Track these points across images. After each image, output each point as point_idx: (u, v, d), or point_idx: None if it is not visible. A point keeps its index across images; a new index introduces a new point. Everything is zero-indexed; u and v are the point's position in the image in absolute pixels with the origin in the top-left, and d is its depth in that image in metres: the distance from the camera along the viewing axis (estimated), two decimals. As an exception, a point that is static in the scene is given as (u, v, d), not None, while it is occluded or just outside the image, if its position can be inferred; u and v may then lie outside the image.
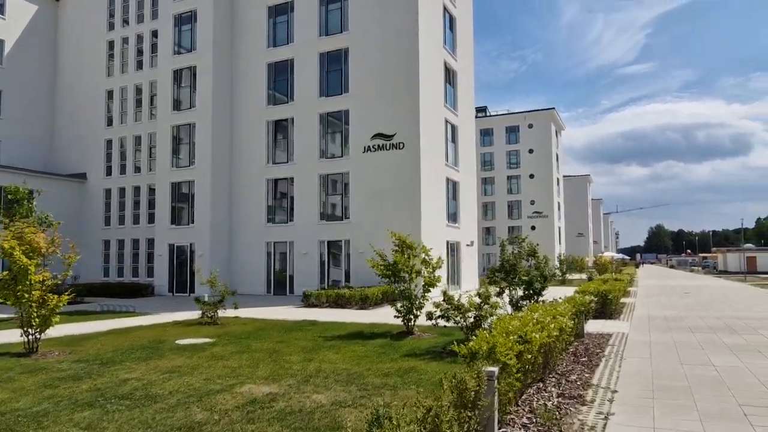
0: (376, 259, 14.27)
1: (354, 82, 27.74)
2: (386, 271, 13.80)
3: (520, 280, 12.64)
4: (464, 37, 33.86)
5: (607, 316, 17.39)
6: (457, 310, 10.66)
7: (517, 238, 13.39)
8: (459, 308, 10.65)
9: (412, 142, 26.05)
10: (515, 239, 13.39)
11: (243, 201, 30.31)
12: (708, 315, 17.97)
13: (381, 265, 14.08)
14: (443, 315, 11.02)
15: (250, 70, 30.58)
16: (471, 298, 11.01)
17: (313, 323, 16.80)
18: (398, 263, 13.79)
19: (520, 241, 13.25)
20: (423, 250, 14.23)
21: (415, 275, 13.85)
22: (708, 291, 30.87)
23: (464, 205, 32.06)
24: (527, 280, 12.57)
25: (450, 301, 10.96)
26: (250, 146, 30.30)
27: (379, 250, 14.24)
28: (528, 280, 12.54)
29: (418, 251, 14.28)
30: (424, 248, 14.28)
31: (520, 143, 70.27)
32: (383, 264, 14.08)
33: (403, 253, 14.22)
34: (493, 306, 11.33)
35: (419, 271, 14.05)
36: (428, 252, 14.24)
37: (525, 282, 12.60)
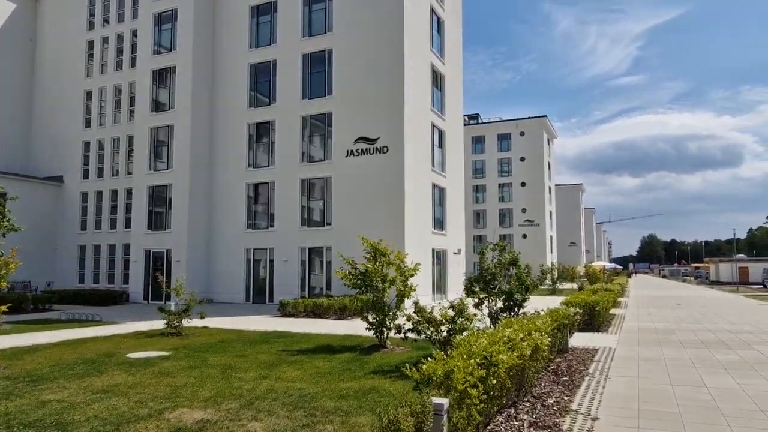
0: (346, 268, 13.35)
1: (338, 84, 26.91)
2: (356, 281, 12.87)
3: (500, 291, 11.73)
4: (453, 41, 33.16)
5: (594, 329, 16.54)
6: (429, 323, 9.74)
7: (497, 245, 12.49)
8: (430, 321, 9.73)
9: (397, 146, 25.21)
10: (496, 246, 12.49)
11: (222, 206, 29.33)
12: (700, 328, 17.14)
13: (351, 274, 13.16)
14: (413, 328, 10.10)
15: (232, 71, 29.69)
16: (444, 310, 10.10)
17: (284, 335, 15.84)
18: (370, 272, 12.86)
19: (500, 249, 12.36)
20: (398, 257, 13.33)
21: (388, 284, 12.92)
22: (700, 302, 30.10)
23: (451, 212, 31.21)
24: (507, 291, 11.66)
25: (421, 313, 10.04)
26: (230, 149, 29.36)
27: (348, 258, 13.32)
28: (508, 291, 11.63)
29: (393, 258, 13.38)
30: (399, 255, 13.37)
31: (511, 151, 69.65)
32: (353, 273, 13.16)
33: (376, 261, 13.31)
34: (469, 318, 10.42)
35: (393, 280, 13.13)
36: (403, 259, 13.34)
37: (505, 293, 11.69)
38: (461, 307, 9.75)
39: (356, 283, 12.88)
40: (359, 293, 13.09)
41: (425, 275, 26.78)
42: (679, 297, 35.05)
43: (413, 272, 13.18)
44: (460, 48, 34.86)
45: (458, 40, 34.63)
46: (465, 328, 9.85)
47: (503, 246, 12.45)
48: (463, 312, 9.67)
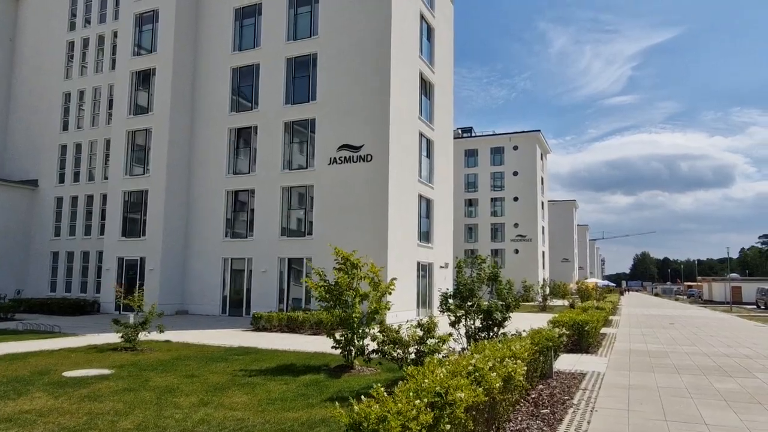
0: (315, 279, 12.25)
1: (322, 90, 25.97)
2: (324, 294, 11.76)
3: (478, 309, 10.65)
4: (443, 50, 32.38)
5: (583, 350, 15.46)
6: (395, 344, 8.64)
7: (477, 259, 11.43)
8: (396, 342, 8.63)
9: (381, 155, 24.21)
10: (474, 260, 11.44)
11: (200, 213, 28.16)
12: (695, 351, 16.07)
13: (321, 286, 12.06)
14: (378, 349, 8.99)
15: (214, 74, 28.72)
16: (413, 330, 9.00)
17: (249, 351, 14.66)
18: (341, 285, 11.76)
19: (479, 263, 11.30)
20: (372, 269, 12.24)
21: (359, 300, 11.80)
22: (694, 322, 29.08)
23: (439, 225, 30.17)
24: (485, 309, 10.58)
25: (386, 332, 8.94)
26: (210, 155, 28.28)
27: (318, 269, 12.22)
28: (486, 309, 10.55)
29: (366, 271, 12.29)
30: (373, 268, 12.28)
31: (504, 165, 68.89)
32: (323, 285, 12.06)
33: (347, 273, 12.21)
34: (442, 339, 9.33)
35: (366, 295, 12.02)
36: (377, 272, 12.25)
37: (483, 311, 10.61)
38: (430, 326, 8.65)
39: (324, 297, 11.76)
40: (327, 307, 11.96)
41: (409, 289, 25.67)
42: (672, 316, 34.04)
43: (389, 288, 12.09)
44: (451, 57, 34.09)
45: (449, 50, 33.87)
46: (436, 350, 8.74)
47: (483, 259, 11.39)
48: (432, 331, 8.57)
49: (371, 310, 11.51)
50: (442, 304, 10.91)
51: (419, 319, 9.85)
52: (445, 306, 10.80)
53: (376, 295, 11.97)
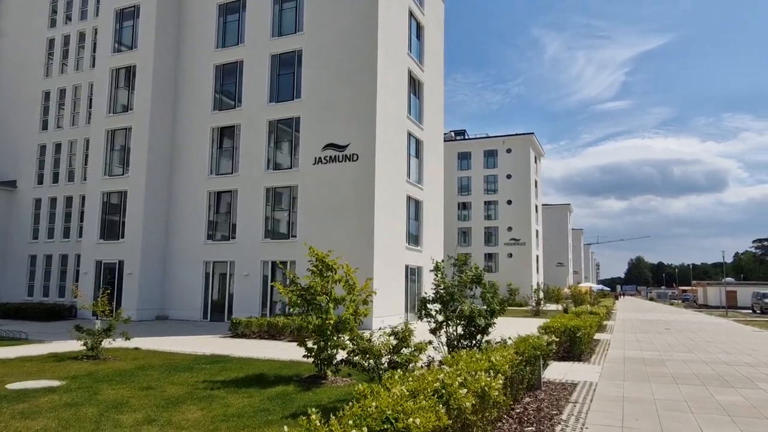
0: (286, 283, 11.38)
1: (307, 87, 25.16)
2: (297, 299, 10.90)
3: (460, 315, 9.81)
4: (433, 49, 31.65)
5: (575, 357, 14.64)
6: (365, 353, 7.78)
7: (458, 260, 10.60)
8: (367, 351, 7.78)
9: (367, 154, 23.40)
10: (456, 261, 10.61)
11: (181, 215, 27.24)
12: (693, 358, 15.28)
13: (292, 290, 11.20)
14: (347, 360, 8.14)
15: (196, 71, 27.86)
16: (388, 338, 8.15)
17: (220, 359, 13.75)
18: (314, 288, 10.89)
19: (461, 264, 10.47)
20: (347, 271, 11.39)
21: (333, 304, 10.93)
22: (690, 327, 28.33)
23: (429, 227, 29.36)
24: (467, 315, 9.74)
25: (356, 340, 8.09)
26: (192, 154, 27.38)
27: (289, 271, 11.36)
28: (468, 314, 9.71)
29: (342, 273, 11.44)
30: (349, 270, 11.43)
31: (498, 168, 68.19)
32: (295, 289, 11.20)
33: (322, 276, 11.36)
34: (419, 348, 8.49)
35: (341, 299, 11.16)
36: (351, 274, 11.39)
37: (465, 317, 9.76)
38: (405, 333, 7.81)
39: (296, 302, 10.89)
40: (300, 312, 11.10)
41: (397, 294, 24.83)
42: (668, 321, 33.31)
43: (364, 290, 11.24)
44: (441, 57, 33.37)
45: (440, 49, 33.15)
46: (411, 360, 7.89)
47: (464, 260, 10.56)
48: (407, 340, 7.72)
49: (345, 316, 10.64)
50: (421, 310, 10.07)
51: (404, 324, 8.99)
52: (425, 311, 9.95)
53: (352, 298, 11.12)
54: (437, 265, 10.27)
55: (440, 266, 10.32)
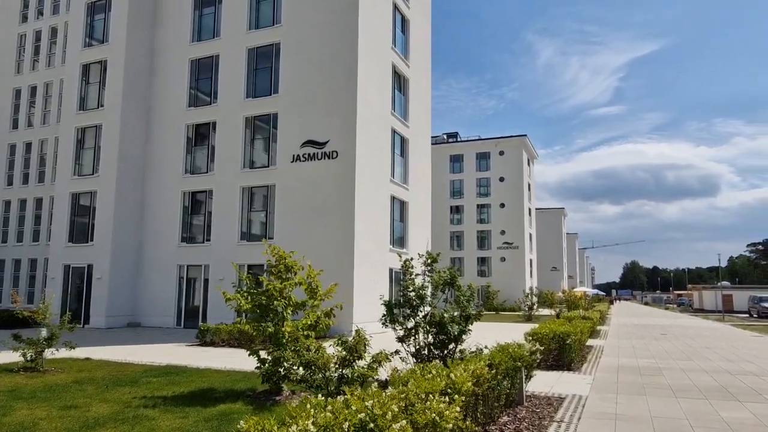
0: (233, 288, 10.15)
1: (285, 82, 23.98)
2: (247, 304, 9.66)
3: (431, 321, 8.59)
4: (420, 44, 30.56)
5: (565, 366, 13.46)
6: (308, 367, 6.56)
7: (428, 258, 9.40)
8: (310, 365, 6.55)
9: (347, 151, 22.21)
10: (426, 260, 9.40)
11: (154, 216, 25.94)
12: (692, 366, 14.09)
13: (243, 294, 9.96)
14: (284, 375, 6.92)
15: (171, 66, 26.65)
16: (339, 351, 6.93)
17: (174, 371, 12.45)
18: (272, 292, 9.64)
19: (431, 261, 9.27)
20: (309, 273, 10.16)
21: (291, 310, 9.69)
22: (686, 332, 27.19)
23: (415, 229, 28.15)
24: (438, 321, 8.52)
25: (300, 351, 6.88)
26: (165, 153, 26.12)
27: (243, 274, 10.12)
28: (439, 320, 8.50)
29: (304, 275, 10.23)
30: (311, 271, 10.20)
31: (490, 170, 67.13)
32: (250, 292, 9.96)
33: (281, 278, 10.13)
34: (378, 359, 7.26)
35: (302, 305, 9.92)
36: (314, 276, 10.16)
37: (435, 324, 8.55)
38: (356, 343, 6.59)
39: (247, 308, 9.64)
40: (254, 319, 9.86)
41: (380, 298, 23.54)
42: (664, 326, 32.18)
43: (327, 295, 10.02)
44: (428, 54, 32.28)
45: (426, 45, 32.07)
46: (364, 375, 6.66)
47: (435, 258, 9.36)
48: (359, 351, 6.50)
49: (304, 326, 9.39)
50: (386, 315, 8.84)
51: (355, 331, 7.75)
52: (390, 317, 8.72)
53: (313, 304, 9.89)
54: (405, 264, 9.06)
55: (409, 265, 9.12)
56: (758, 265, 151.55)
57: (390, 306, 8.82)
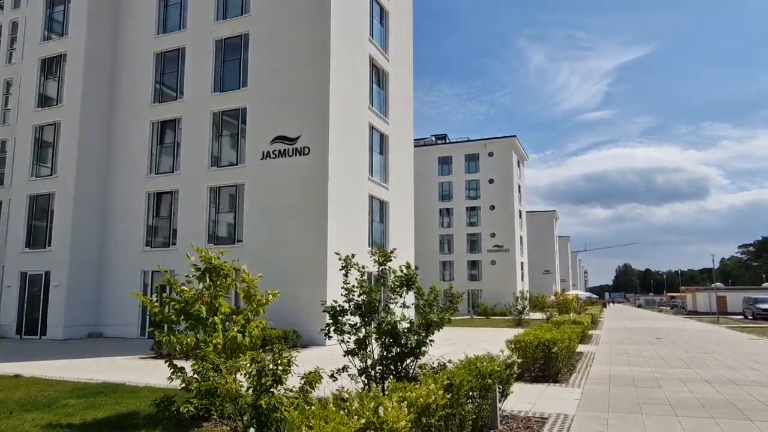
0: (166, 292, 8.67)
1: (254, 74, 22.54)
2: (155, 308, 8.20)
3: (383, 331, 7.14)
4: (400, 37, 29.24)
5: (551, 378, 12.02)
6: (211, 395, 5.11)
7: (379, 253, 7.96)
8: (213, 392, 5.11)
9: (320, 147, 20.77)
10: (377, 256, 7.96)
11: (117, 219, 24.35)
12: (692, 375, 12.70)
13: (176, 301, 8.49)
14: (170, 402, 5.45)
15: (135, 60, 25.14)
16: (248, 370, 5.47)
17: (103, 391, 10.88)
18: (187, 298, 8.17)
19: (383, 258, 7.83)
20: (244, 278, 8.66)
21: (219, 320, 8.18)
22: (683, 336, 25.88)
23: (397, 231, 26.71)
24: (390, 332, 7.07)
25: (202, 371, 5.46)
26: (129, 152, 24.56)
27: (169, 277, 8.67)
28: (391, 330, 7.05)
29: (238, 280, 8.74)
30: (246, 275, 8.70)
31: (480, 172, 65.85)
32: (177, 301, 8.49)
33: (213, 283, 8.67)
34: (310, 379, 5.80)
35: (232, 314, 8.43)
36: (252, 282, 8.66)
37: (387, 334, 7.09)
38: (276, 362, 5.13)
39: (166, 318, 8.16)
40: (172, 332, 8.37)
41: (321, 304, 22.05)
42: (658, 329, 30.88)
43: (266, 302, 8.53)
44: (410, 47, 30.96)
45: (408, 39, 30.76)
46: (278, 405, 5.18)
47: (388, 255, 7.93)
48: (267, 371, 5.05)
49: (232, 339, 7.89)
50: (330, 324, 7.37)
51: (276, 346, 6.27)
52: (334, 326, 7.26)
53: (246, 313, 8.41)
54: (346, 261, 7.64)
55: (351, 262, 7.69)
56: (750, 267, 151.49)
57: (335, 313, 7.34)
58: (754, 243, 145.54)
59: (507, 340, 12.91)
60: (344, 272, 7.57)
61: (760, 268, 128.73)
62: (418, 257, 65.25)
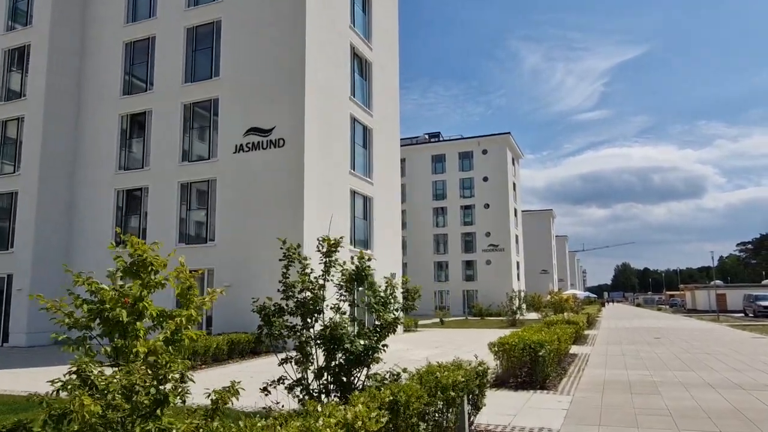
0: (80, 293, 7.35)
1: (226, 63, 21.31)
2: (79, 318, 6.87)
3: (325, 336, 5.88)
4: (385, 26, 28.02)
5: (538, 384, 10.79)
6: (60, 420, 3.86)
7: (324, 241, 6.72)
8: (64, 417, 3.85)
9: (296, 138, 19.53)
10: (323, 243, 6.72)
11: (84, 218, 23.05)
12: (694, 379, 11.48)
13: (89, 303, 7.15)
14: None
15: (103, 51, 23.88)
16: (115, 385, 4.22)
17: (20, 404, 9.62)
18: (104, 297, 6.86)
19: (328, 248, 6.59)
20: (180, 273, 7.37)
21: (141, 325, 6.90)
22: (682, 335, 24.68)
23: (382, 228, 25.46)
24: (329, 336, 5.82)
25: (71, 386, 4.22)
26: (97, 147, 23.28)
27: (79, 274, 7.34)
28: (329, 334, 5.80)
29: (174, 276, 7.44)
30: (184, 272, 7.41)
31: (474, 170, 64.61)
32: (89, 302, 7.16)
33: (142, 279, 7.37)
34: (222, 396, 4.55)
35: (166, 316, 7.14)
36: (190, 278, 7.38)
37: (327, 339, 5.84)
38: (152, 377, 3.91)
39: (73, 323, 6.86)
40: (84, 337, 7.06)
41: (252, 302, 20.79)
42: (657, 329, 29.68)
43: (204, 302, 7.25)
44: (395, 38, 29.75)
45: (393, 29, 29.55)
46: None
47: (335, 243, 6.69)
48: (144, 387, 3.83)
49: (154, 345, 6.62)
50: (262, 327, 6.11)
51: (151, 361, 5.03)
52: (267, 330, 6.02)
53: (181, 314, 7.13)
54: (289, 250, 6.42)
55: (294, 251, 6.48)
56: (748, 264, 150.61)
57: (266, 313, 6.09)
58: (753, 241, 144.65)
59: (489, 343, 11.71)
60: (285, 264, 6.32)
61: (759, 266, 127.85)
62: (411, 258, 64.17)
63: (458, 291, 62.49)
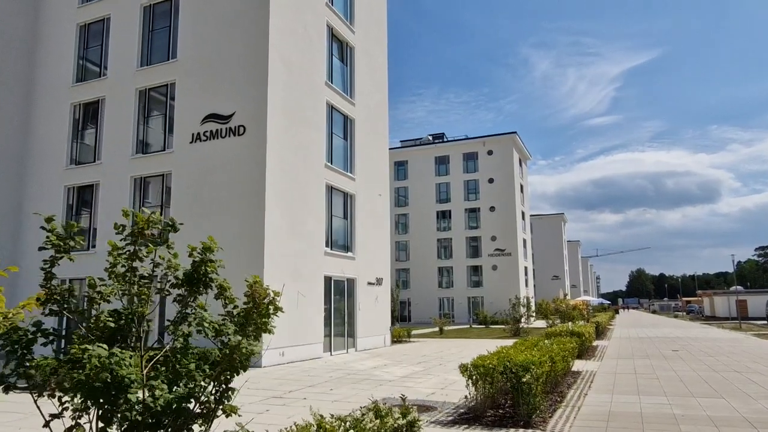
0: None
1: (185, 44, 19.04)
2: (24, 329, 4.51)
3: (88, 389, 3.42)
4: (370, 8, 25.66)
5: (521, 421, 8.24)
6: None
7: (137, 223, 4.26)
8: None
9: (257, 125, 17.16)
10: (138, 225, 4.27)
11: (32, 219, 20.83)
12: (726, 411, 8.81)
13: None
14: None
15: (55, 34, 21.78)
16: None
17: None
18: None
19: (140, 227, 4.14)
20: None
21: None
22: (704, 347, 21.85)
23: (366, 229, 23.01)
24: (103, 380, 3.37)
25: None
26: (47, 141, 21.12)
27: None
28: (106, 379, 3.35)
29: None
30: None
31: (479, 172, 61.88)
32: None
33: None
34: None
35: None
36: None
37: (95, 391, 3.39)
38: None
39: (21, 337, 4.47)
40: None
41: (313, 314, 18.35)
42: (675, 339, 26.79)
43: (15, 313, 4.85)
44: (383, 22, 27.37)
45: (381, 12, 27.18)
46: None
47: (173, 224, 4.29)
48: None
49: None
50: (11, 358, 3.71)
51: None
52: (18, 368, 3.58)
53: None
54: (112, 248, 4.03)
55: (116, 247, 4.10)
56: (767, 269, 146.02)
57: (13, 342, 3.65)
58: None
59: (461, 365, 9.16)
60: (48, 264, 3.94)
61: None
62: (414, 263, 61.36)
63: (463, 298, 59.69)
